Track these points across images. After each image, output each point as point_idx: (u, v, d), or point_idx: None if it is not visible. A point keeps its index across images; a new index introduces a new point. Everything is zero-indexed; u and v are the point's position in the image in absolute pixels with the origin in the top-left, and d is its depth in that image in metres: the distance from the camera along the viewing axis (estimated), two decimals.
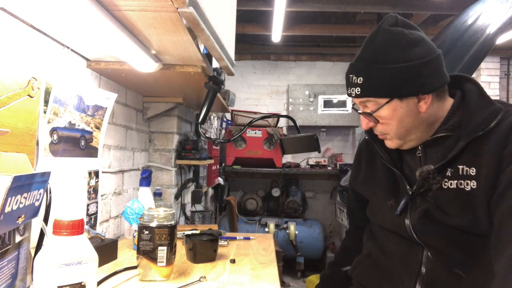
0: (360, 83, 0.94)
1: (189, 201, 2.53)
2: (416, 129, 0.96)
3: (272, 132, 3.91)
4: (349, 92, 0.98)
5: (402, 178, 1.01)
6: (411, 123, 0.95)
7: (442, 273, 0.92)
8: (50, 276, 0.69)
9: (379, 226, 1.09)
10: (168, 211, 1.07)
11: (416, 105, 0.93)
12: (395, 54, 0.91)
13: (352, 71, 0.96)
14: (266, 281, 1.09)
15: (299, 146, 1.59)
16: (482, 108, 0.91)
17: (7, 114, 0.86)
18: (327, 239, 4.30)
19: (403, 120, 0.94)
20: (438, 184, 0.92)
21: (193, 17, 0.86)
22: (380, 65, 0.91)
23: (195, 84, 1.54)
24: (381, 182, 1.07)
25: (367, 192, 1.14)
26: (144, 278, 1.04)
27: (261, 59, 4.90)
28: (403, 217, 0.98)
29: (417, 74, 0.90)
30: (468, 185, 0.88)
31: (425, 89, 0.91)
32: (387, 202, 1.03)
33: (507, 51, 4.61)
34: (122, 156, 1.68)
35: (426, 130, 0.97)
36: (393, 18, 0.95)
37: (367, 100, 0.96)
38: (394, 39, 0.92)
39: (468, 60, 2.83)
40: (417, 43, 0.92)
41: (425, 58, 0.90)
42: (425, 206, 0.94)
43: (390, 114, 0.94)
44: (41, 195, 0.77)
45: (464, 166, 0.89)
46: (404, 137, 0.98)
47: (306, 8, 3.65)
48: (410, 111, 0.93)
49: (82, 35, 1.07)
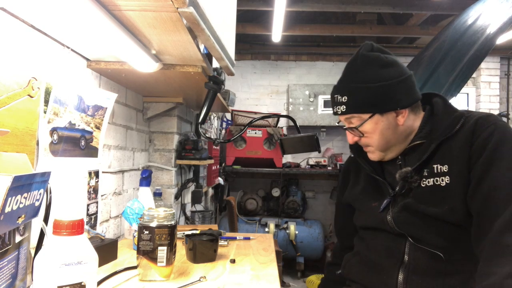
0: (344, 101, 1.07)
1: (189, 201, 2.53)
2: (395, 140, 1.08)
3: (272, 132, 3.91)
4: (335, 111, 1.11)
5: (385, 184, 1.12)
6: (391, 135, 1.07)
7: (423, 259, 1.01)
8: (50, 276, 0.69)
9: (365, 228, 1.18)
10: (168, 211, 1.07)
11: (395, 118, 1.06)
12: (373, 75, 1.04)
13: (337, 92, 1.09)
14: (266, 281, 1.09)
15: (299, 146, 1.58)
16: (447, 116, 1.05)
17: (7, 114, 0.86)
18: (327, 239, 4.30)
19: (384, 133, 1.07)
20: (416, 182, 1.03)
21: (193, 17, 0.86)
22: (361, 85, 1.04)
23: (195, 84, 1.54)
24: (366, 189, 1.19)
25: (353, 199, 1.23)
26: (144, 278, 1.04)
27: (261, 59, 4.90)
28: (386, 213, 1.09)
29: (394, 91, 1.03)
30: (443, 180, 1.00)
31: (401, 104, 1.05)
32: (371, 204, 1.15)
33: (507, 51, 4.61)
34: (122, 156, 1.68)
35: (404, 141, 1.10)
36: (369, 45, 1.09)
37: (352, 116, 1.08)
38: (372, 62, 1.05)
39: (468, 60, 2.83)
40: (392, 65, 1.05)
41: (400, 77, 1.04)
42: (405, 201, 1.06)
43: (372, 128, 1.07)
44: (41, 195, 0.77)
45: (438, 164, 1.01)
46: (385, 148, 1.10)
47: (306, 8, 3.65)
48: (390, 124, 1.06)
49: (82, 35, 1.07)
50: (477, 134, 0.97)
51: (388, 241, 1.09)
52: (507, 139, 0.95)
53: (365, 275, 1.13)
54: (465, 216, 0.97)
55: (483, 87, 4.78)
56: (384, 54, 1.07)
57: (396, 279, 1.03)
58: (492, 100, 4.78)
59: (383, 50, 1.09)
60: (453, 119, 1.03)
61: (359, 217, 1.21)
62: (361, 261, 1.16)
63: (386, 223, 1.08)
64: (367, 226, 1.17)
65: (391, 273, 1.05)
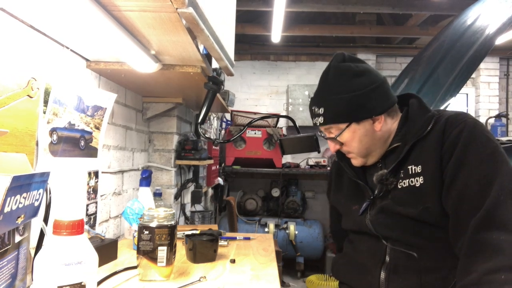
0: (321, 113, 1.09)
1: (189, 201, 2.53)
2: (374, 146, 1.10)
3: (272, 132, 3.91)
4: (314, 122, 1.13)
5: (365, 187, 1.14)
6: (370, 142, 1.09)
7: (402, 259, 1.04)
8: (50, 276, 0.69)
9: (350, 231, 1.22)
10: (168, 211, 1.07)
11: (371, 125, 1.08)
12: (346, 85, 1.06)
13: (314, 104, 1.11)
14: (266, 281, 1.09)
15: (299, 146, 1.58)
16: (420, 117, 1.06)
17: (6, 115, 0.86)
18: (327, 239, 4.30)
19: (362, 140, 1.09)
20: (392, 184, 1.05)
21: (192, 18, 0.86)
22: (335, 96, 1.06)
23: (194, 84, 1.54)
24: (348, 193, 1.22)
25: (336, 202, 1.28)
26: (144, 278, 1.04)
27: (260, 60, 4.90)
28: (365, 216, 1.12)
29: (367, 100, 1.05)
30: (417, 181, 1.01)
31: (376, 111, 1.06)
32: (352, 207, 1.18)
33: (506, 51, 4.62)
34: (121, 156, 1.68)
35: (383, 145, 1.12)
36: (341, 56, 1.11)
37: (330, 127, 1.11)
38: (344, 72, 1.08)
39: (468, 61, 2.84)
40: (363, 73, 1.07)
41: (372, 85, 1.05)
42: (382, 203, 1.08)
43: (350, 136, 1.09)
44: (40, 195, 0.78)
45: (412, 165, 1.03)
46: (365, 154, 1.12)
47: (306, 8, 3.65)
48: (367, 132, 1.08)
49: (82, 35, 1.07)
50: (447, 134, 0.98)
51: (370, 242, 1.11)
52: (477, 136, 0.95)
53: (352, 276, 1.17)
54: (440, 215, 0.98)
55: (483, 88, 4.78)
56: (355, 63, 1.09)
57: (378, 279, 1.06)
58: (491, 101, 4.78)
59: (355, 59, 1.12)
60: (425, 120, 1.04)
61: (344, 221, 1.24)
62: (348, 263, 1.20)
63: (365, 226, 1.11)
64: (351, 229, 1.20)
65: (374, 273, 1.08)
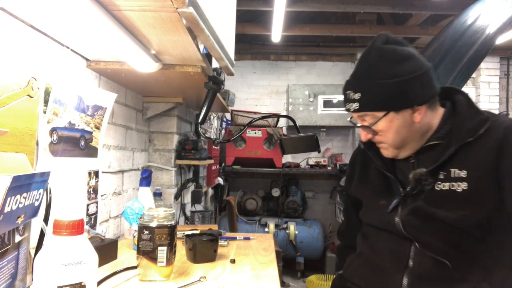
0: (357, 98, 0.99)
1: (189, 201, 2.53)
2: (411, 138, 1.02)
3: (272, 132, 3.91)
4: (348, 108, 1.03)
5: (395, 182, 1.06)
6: (407, 133, 1.01)
7: (428, 265, 0.97)
8: (50, 276, 0.69)
9: (370, 225, 1.14)
10: (168, 211, 1.07)
11: (411, 116, 0.99)
12: (388, 70, 0.96)
13: (349, 88, 1.02)
14: (266, 281, 1.09)
15: (299, 146, 1.58)
16: (471, 117, 0.98)
17: (6, 114, 0.86)
18: (327, 239, 4.30)
19: (399, 131, 1.00)
20: (430, 185, 0.98)
21: (192, 17, 0.86)
22: (375, 81, 0.97)
23: (195, 84, 1.54)
24: (375, 185, 1.12)
25: (360, 194, 1.19)
26: (144, 278, 1.04)
27: (261, 59, 4.90)
28: (393, 214, 1.04)
29: (410, 87, 0.96)
30: (459, 186, 0.95)
31: (418, 101, 0.97)
32: (379, 201, 1.09)
33: (507, 51, 4.61)
34: (122, 156, 1.68)
35: (420, 139, 1.03)
36: (384, 37, 1.01)
37: (365, 114, 1.02)
38: (387, 56, 0.98)
39: (468, 60, 2.83)
40: (408, 58, 0.98)
41: (417, 72, 0.96)
42: (415, 204, 1.00)
43: (387, 126, 1.00)
44: (40, 195, 0.77)
45: (456, 169, 0.96)
46: (399, 146, 1.04)
47: (306, 8, 3.64)
48: (405, 122, 0.99)
49: (82, 35, 1.07)
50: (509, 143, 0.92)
51: (393, 243, 1.04)
52: None
53: (369, 279, 1.09)
54: (479, 224, 0.94)
55: (483, 87, 4.78)
56: (400, 47, 0.99)
57: (400, 284, 1.00)
58: (491, 100, 4.78)
59: (400, 42, 1.02)
60: (477, 122, 0.97)
61: (366, 214, 1.16)
62: (365, 264, 1.12)
63: (392, 224, 1.03)
64: (372, 224, 1.12)
65: (394, 278, 1.01)
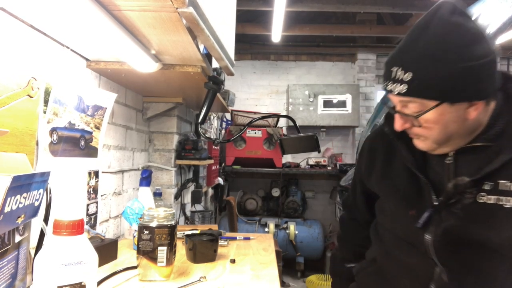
0: (407, 79, 0.78)
1: (189, 201, 2.53)
2: (457, 136, 0.84)
3: (272, 132, 3.91)
4: (390, 88, 0.82)
5: (428, 186, 0.88)
6: (455, 130, 0.82)
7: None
8: (50, 276, 0.69)
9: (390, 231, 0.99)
10: (168, 211, 1.07)
11: (465, 111, 0.80)
12: (456, 51, 0.76)
13: (398, 63, 0.80)
14: (266, 281, 1.09)
15: (299, 146, 1.59)
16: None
17: (6, 114, 0.86)
18: (327, 239, 4.30)
19: (448, 127, 0.82)
20: (472, 198, 0.81)
21: (192, 17, 0.86)
22: (436, 62, 0.76)
23: (195, 84, 1.54)
24: (402, 186, 0.94)
25: (383, 193, 1.02)
26: (144, 278, 1.04)
27: (261, 59, 4.90)
28: (424, 231, 0.87)
29: (475, 76, 0.77)
30: (509, 202, 0.78)
31: (480, 94, 0.79)
32: (407, 210, 0.91)
33: (506, 51, 4.61)
34: (122, 156, 1.68)
35: (466, 137, 0.85)
36: (450, 5, 0.79)
37: (412, 100, 0.81)
38: (455, 32, 0.77)
39: None
40: (479, 39, 0.77)
41: (486, 58, 0.77)
42: (452, 222, 0.84)
43: (435, 119, 0.81)
44: (40, 195, 0.77)
45: (506, 181, 0.79)
46: (442, 142, 0.85)
47: (306, 8, 3.65)
48: (458, 118, 0.80)
49: (82, 35, 1.07)
50: None
51: (414, 258, 0.89)
52: None
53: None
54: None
55: None
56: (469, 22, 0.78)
57: None
58: None
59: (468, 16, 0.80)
60: None
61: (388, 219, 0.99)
62: (378, 274, 0.99)
63: (421, 242, 0.87)
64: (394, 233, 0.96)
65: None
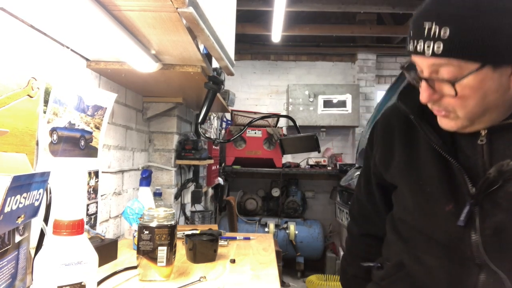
0: (444, 37, 0.65)
1: (189, 201, 2.53)
2: (495, 109, 0.70)
3: (272, 132, 3.91)
4: (419, 48, 0.68)
5: (462, 172, 0.74)
6: (494, 101, 0.69)
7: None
8: (50, 276, 0.69)
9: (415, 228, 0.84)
10: (168, 211, 1.07)
11: (509, 78, 0.67)
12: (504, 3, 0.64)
13: (432, 17, 0.66)
14: (266, 281, 1.09)
15: (299, 146, 1.59)
16: None
17: (6, 114, 0.86)
18: (327, 239, 4.30)
19: (487, 96, 0.68)
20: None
21: (192, 17, 0.86)
22: (480, 13, 0.64)
23: (195, 84, 1.54)
24: (432, 176, 0.79)
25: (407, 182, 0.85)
26: (144, 278, 1.04)
27: (261, 59, 4.90)
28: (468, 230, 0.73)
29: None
30: None
31: None
32: (442, 205, 0.77)
33: None
34: (122, 156, 1.68)
35: (504, 112, 0.72)
36: None
37: (448, 62, 0.67)
38: None
39: None
40: None
41: None
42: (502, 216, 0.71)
43: (475, 86, 0.67)
44: (40, 195, 0.77)
45: None
46: (476, 118, 0.71)
47: (306, 8, 3.65)
48: (500, 86, 0.67)
49: (82, 35, 1.07)
50: None
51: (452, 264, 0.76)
52: None
53: None
54: None
55: None
56: None
57: None
58: None
59: None
60: None
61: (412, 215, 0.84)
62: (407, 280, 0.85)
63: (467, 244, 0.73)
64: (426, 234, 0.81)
65: None
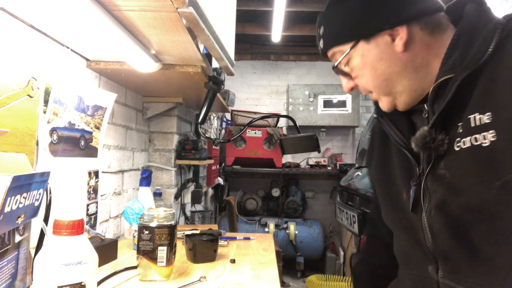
0: (322, 33, 0.79)
1: (189, 201, 2.53)
2: (398, 76, 0.73)
3: (272, 132, 3.91)
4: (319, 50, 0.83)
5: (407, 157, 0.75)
6: (388, 69, 0.72)
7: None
8: (50, 276, 0.69)
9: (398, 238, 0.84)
10: (168, 211, 1.07)
11: (389, 44, 0.71)
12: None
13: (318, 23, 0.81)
14: (266, 281, 1.09)
15: (299, 146, 1.58)
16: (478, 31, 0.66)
17: (6, 114, 0.86)
18: (327, 239, 4.30)
19: (376, 66, 0.73)
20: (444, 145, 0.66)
21: (192, 17, 0.86)
22: (338, 5, 0.76)
23: (195, 84, 1.54)
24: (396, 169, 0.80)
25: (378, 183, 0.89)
26: (144, 278, 1.04)
27: (261, 59, 4.90)
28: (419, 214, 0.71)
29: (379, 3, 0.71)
30: (485, 138, 0.60)
31: (392, 19, 0.70)
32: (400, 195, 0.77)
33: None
34: (122, 156, 1.68)
35: (416, 76, 0.72)
36: None
37: (334, 53, 0.79)
38: None
39: None
40: None
41: None
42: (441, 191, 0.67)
43: (360, 63, 0.75)
44: (40, 195, 0.77)
45: (476, 114, 0.62)
46: (387, 90, 0.75)
47: (306, 8, 3.65)
48: (382, 53, 0.72)
49: (82, 35, 1.07)
50: None
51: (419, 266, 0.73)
52: None
53: None
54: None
55: None
56: None
57: None
58: None
59: None
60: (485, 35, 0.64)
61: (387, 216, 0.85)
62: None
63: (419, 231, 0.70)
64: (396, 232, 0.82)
65: None
